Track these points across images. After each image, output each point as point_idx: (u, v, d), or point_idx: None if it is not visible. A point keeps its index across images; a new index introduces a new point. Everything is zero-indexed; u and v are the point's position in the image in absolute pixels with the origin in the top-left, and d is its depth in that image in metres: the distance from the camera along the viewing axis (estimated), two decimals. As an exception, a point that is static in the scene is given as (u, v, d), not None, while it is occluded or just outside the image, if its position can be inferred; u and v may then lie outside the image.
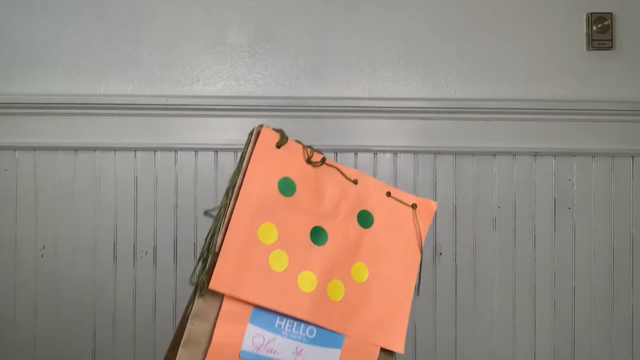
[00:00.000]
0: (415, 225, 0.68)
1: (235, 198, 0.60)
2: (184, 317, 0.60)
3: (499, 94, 1.59)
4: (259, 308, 0.59)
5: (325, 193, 0.64)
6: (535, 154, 1.58)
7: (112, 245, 1.56)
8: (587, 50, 1.59)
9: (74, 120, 1.56)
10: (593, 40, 1.58)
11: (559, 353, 1.57)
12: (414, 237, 0.68)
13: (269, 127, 0.64)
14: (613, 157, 1.58)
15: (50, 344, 1.56)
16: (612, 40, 1.58)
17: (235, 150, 1.57)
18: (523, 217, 1.57)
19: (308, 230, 0.62)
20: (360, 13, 1.59)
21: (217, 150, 1.57)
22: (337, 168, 0.66)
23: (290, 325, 0.60)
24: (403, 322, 0.66)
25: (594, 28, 1.58)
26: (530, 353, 1.57)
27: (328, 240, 0.63)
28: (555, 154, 1.58)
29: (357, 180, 0.67)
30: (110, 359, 1.56)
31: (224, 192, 0.61)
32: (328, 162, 0.66)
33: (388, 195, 0.69)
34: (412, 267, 0.67)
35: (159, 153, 1.57)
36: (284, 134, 0.64)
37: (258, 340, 0.59)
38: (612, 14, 1.58)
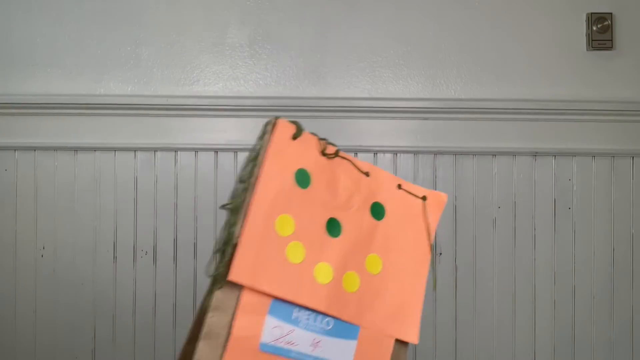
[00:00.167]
0: (425, 217, 0.69)
1: (252, 189, 0.60)
2: (201, 310, 0.60)
3: (499, 94, 1.59)
4: (277, 300, 0.59)
5: (339, 185, 0.65)
6: (535, 154, 1.58)
7: (112, 245, 1.56)
8: (587, 50, 1.59)
9: (74, 120, 1.56)
10: (593, 40, 1.58)
11: (559, 353, 1.57)
12: (424, 229, 0.69)
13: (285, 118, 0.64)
14: (613, 157, 1.58)
15: (50, 344, 1.56)
16: (612, 40, 1.58)
17: (236, 150, 1.57)
18: (523, 217, 1.57)
19: (323, 222, 0.62)
20: (360, 13, 1.59)
21: (217, 150, 1.57)
22: (349, 160, 0.67)
23: (307, 317, 0.60)
24: (417, 312, 0.66)
25: (594, 28, 1.58)
26: (530, 353, 1.57)
27: (343, 232, 0.63)
28: (555, 154, 1.58)
29: (369, 173, 0.67)
30: (110, 359, 1.56)
31: (238, 182, 0.61)
32: (341, 154, 0.66)
33: (399, 188, 0.69)
34: (423, 258, 0.68)
35: (159, 153, 1.57)
36: (300, 126, 0.65)
37: (277, 332, 0.59)
38: (612, 14, 1.58)
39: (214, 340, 0.57)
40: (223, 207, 0.61)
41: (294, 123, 0.65)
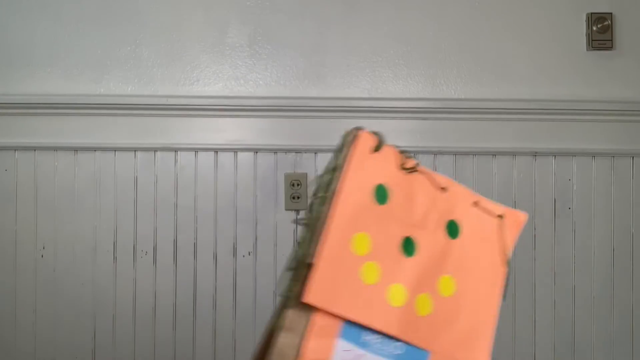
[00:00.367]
0: (501, 238, 0.66)
1: (330, 205, 0.57)
2: (269, 329, 0.58)
3: (499, 94, 1.59)
4: (349, 322, 0.57)
5: (416, 201, 0.62)
6: (535, 154, 1.58)
7: (112, 245, 1.56)
8: (587, 50, 1.59)
9: (74, 120, 1.56)
10: (593, 40, 1.58)
11: (559, 353, 1.57)
12: (500, 250, 0.65)
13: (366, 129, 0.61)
14: (613, 157, 1.58)
15: (50, 344, 1.56)
16: (612, 40, 1.58)
17: (235, 150, 1.57)
18: (523, 217, 1.57)
19: (399, 241, 0.60)
20: (360, 13, 1.59)
21: (217, 150, 1.57)
22: (427, 175, 0.64)
23: (378, 341, 0.58)
24: (488, 338, 0.64)
25: (594, 28, 1.58)
26: (530, 353, 1.57)
27: (417, 252, 0.60)
28: (555, 154, 1.58)
29: (445, 188, 0.64)
30: (110, 359, 1.56)
31: (313, 196, 0.58)
32: (419, 168, 0.63)
33: (475, 205, 0.65)
34: (497, 281, 0.65)
35: (159, 153, 1.57)
36: (382, 138, 0.62)
37: (347, 356, 0.57)
38: (612, 14, 1.58)
39: None
40: (298, 222, 0.60)
41: (376, 134, 0.62)
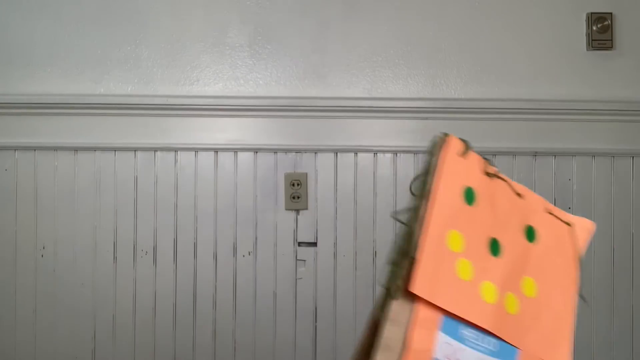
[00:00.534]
0: (574, 244, 0.69)
1: (427, 204, 0.60)
2: (372, 321, 0.61)
3: (499, 94, 1.59)
4: (448, 316, 0.59)
5: (498, 205, 0.65)
6: (535, 154, 1.58)
7: (112, 245, 1.56)
8: (587, 50, 1.59)
9: (74, 120, 1.56)
10: (593, 40, 1.58)
11: (559, 353, 1.57)
12: (573, 256, 0.69)
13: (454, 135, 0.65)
14: (613, 157, 1.58)
15: (50, 344, 1.56)
16: (612, 40, 1.58)
17: (235, 150, 1.57)
18: (523, 217, 1.57)
19: (486, 241, 0.63)
20: (360, 13, 1.59)
21: (217, 150, 1.57)
22: (506, 181, 0.67)
23: (474, 336, 0.60)
24: (568, 340, 0.66)
25: (594, 28, 1.58)
26: (530, 353, 1.57)
27: (502, 253, 0.63)
28: (555, 154, 1.58)
29: (522, 195, 0.67)
30: (110, 359, 1.56)
31: (411, 196, 0.62)
32: (500, 175, 0.66)
33: (549, 212, 0.69)
34: (571, 286, 0.68)
35: (159, 153, 1.57)
36: (468, 144, 0.65)
37: (447, 349, 0.59)
38: (612, 14, 1.58)
39: (390, 354, 0.58)
40: (397, 218, 0.62)
41: (463, 141, 0.65)
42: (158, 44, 1.59)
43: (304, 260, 1.57)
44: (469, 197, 0.63)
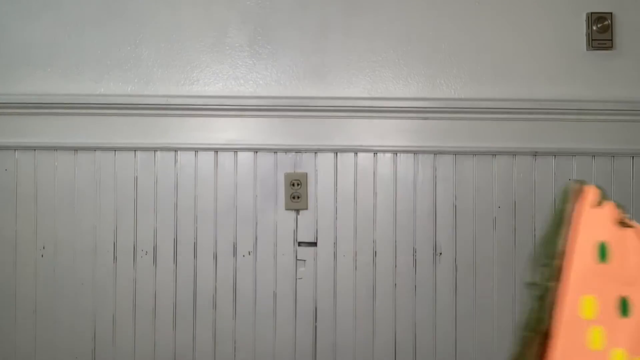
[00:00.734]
0: None
1: (561, 267, 0.57)
2: None
3: (499, 94, 1.59)
4: None
5: (629, 258, 0.60)
6: (535, 154, 1.58)
7: (112, 245, 1.56)
8: (587, 50, 1.59)
9: (74, 120, 1.56)
10: (593, 40, 1.58)
11: (559, 353, 1.57)
12: None
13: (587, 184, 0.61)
14: (613, 157, 1.58)
15: (50, 344, 1.56)
16: (612, 40, 1.58)
17: (235, 150, 1.57)
18: (523, 217, 1.57)
19: (617, 301, 0.58)
20: (360, 13, 1.59)
21: (217, 150, 1.57)
22: (636, 229, 0.63)
23: None
24: None
25: (594, 28, 1.57)
26: (530, 353, 1.57)
27: (632, 312, 0.59)
28: (555, 154, 1.58)
29: None
30: (110, 359, 1.56)
31: (540, 255, 0.59)
32: (632, 222, 0.63)
33: None
34: None
35: (159, 153, 1.57)
36: (605, 193, 0.61)
37: None
38: (612, 14, 1.58)
39: None
40: (528, 285, 0.59)
41: (599, 189, 0.61)
42: (158, 44, 1.59)
43: (304, 260, 1.57)
44: (603, 253, 0.59)
